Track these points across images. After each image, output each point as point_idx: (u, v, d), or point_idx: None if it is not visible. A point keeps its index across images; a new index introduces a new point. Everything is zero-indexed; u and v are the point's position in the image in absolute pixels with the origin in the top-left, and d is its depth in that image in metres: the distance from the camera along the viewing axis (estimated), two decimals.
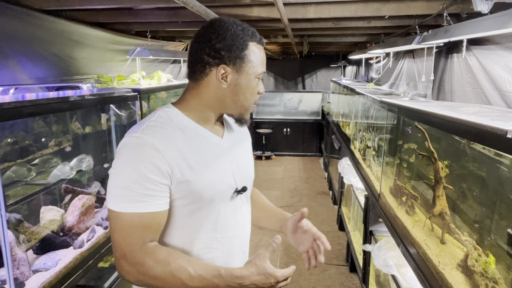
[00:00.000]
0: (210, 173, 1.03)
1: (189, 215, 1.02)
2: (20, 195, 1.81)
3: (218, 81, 1.02)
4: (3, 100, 1.32)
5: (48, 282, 1.47)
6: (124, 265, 0.92)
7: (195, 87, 1.06)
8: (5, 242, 1.29)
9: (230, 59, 1.01)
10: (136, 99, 2.26)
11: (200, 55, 1.02)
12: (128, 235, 0.92)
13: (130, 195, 0.92)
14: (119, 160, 0.95)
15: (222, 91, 1.04)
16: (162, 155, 0.94)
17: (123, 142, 0.97)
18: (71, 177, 2.05)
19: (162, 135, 0.98)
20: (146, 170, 0.92)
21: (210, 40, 1.01)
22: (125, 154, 0.95)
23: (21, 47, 2.09)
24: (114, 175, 0.95)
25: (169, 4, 2.24)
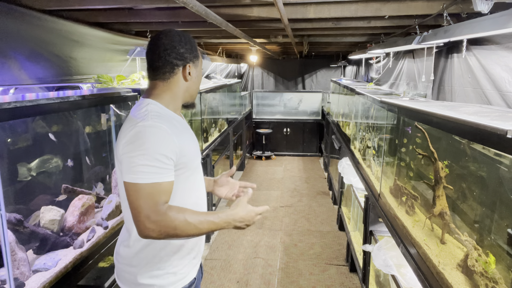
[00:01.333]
0: (191, 148, 1.36)
1: (185, 181, 1.33)
2: (20, 195, 1.80)
3: (185, 77, 1.35)
4: (3, 100, 1.32)
5: (48, 282, 1.47)
6: (148, 224, 1.15)
7: (165, 84, 1.34)
8: (5, 242, 1.29)
9: (191, 59, 1.35)
10: (136, 99, 2.26)
11: (168, 59, 1.31)
12: (152, 200, 1.17)
13: (151, 169, 1.17)
14: (137, 144, 1.18)
15: (187, 84, 1.37)
16: (172, 137, 1.22)
17: (139, 129, 1.19)
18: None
19: (165, 120, 1.24)
20: (164, 150, 1.19)
21: (175, 47, 1.31)
22: (140, 138, 1.18)
23: (21, 47, 2.09)
24: (134, 156, 1.17)
25: (169, 4, 2.24)
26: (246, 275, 3.47)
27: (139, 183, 1.16)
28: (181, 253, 1.36)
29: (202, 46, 5.33)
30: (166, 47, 1.30)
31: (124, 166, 1.20)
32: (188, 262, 1.40)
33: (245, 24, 3.15)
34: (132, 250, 1.32)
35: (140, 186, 1.16)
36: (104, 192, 2.18)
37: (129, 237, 1.33)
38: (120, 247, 1.38)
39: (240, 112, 7.03)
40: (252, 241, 4.18)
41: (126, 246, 1.34)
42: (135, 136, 1.18)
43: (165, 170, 1.20)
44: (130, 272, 1.33)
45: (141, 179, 1.16)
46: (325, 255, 3.86)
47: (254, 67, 9.11)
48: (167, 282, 1.33)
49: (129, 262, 1.33)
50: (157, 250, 1.31)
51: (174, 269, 1.35)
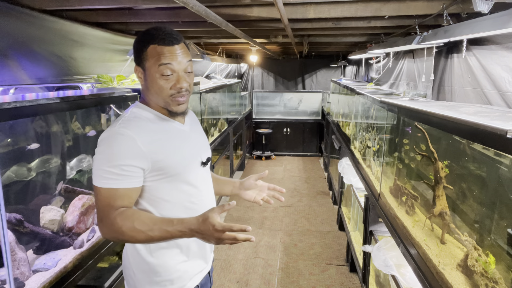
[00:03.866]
0: (176, 151, 1.28)
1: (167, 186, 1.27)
2: (20, 195, 1.80)
3: (139, 78, 1.30)
4: (3, 100, 1.32)
5: (48, 282, 1.47)
6: (101, 227, 1.17)
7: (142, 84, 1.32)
8: (5, 242, 1.29)
9: (137, 61, 1.27)
10: (136, 99, 2.26)
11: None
12: (106, 204, 1.17)
13: (109, 175, 1.16)
14: (101, 148, 1.19)
15: (143, 87, 1.31)
16: (136, 143, 1.18)
17: (104, 136, 1.21)
18: (71, 177, 2.05)
19: (136, 127, 1.22)
20: (122, 156, 1.17)
21: (134, 46, 1.28)
22: (105, 143, 1.19)
23: (21, 47, 2.09)
24: (97, 160, 1.19)
25: (169, 4, 2.24)
26: (246, 275, 3.47)
27: (97, 186, 1.18)
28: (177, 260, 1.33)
29: (202, 46, 5.34)
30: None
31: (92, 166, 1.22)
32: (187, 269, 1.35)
33: (245, 24, 3.15)
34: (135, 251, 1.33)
35: (98, 189, 1.18)
36: None
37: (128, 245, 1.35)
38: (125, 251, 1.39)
39: (240, 112, 7.03)
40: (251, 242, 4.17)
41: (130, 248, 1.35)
42: (102, 140, 1.20)
43: (124, 177, 1.17)
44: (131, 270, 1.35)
45: (98, 182, 1.18)
46: (325, 255, 3.86)
47: (254, 67, 9.11)
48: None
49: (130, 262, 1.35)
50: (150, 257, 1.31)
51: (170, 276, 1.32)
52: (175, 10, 2.73)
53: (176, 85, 1.25)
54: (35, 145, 1.85)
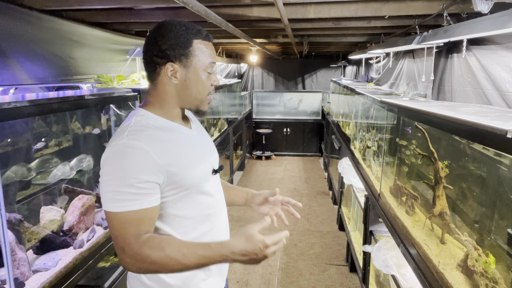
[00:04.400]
0: (191, 160, 1.15)
1: (183, 200, 1.14)
2: (20, 195, 1.80)
3: (168, 78, 1.12)
4: (3, 100, 1.32)
5: (48, 282, 1.47)
6: (124, 258, 1.01)
7: (153, 87, 1.16)
8: (5, 242, 1.29)
9: (176, 57, 1.10)
10: (136, 99, 2.26)
11: (150, 56, 1.12)
12: (125, 231, 1.01)
13: (124, 196, 1.01)
14: (109, 167, 1.03)
15: (175, 87, 1.14)
16: (150, 155, 1.03)
17: (109, 152, 1.04)
18: (71, 177, 2.05)
19: (146, 137, 1.06)
20: (137, 172, 1.01)
21: (156, 42, 1.10)
22: (114, 161, 1.02)
23: (21, 47, 2.09)
24: (106, 181, 1.02)
25: (169, 4, 2.24)
26: (246, 275, 3.47)
27: (110, 212, 1.02)
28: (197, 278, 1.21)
29: None
30: (148, 41, 1.12)
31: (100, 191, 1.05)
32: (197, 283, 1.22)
33: (245, 24, 3.15)
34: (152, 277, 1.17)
35: (112, 215, 1.02)
36: None
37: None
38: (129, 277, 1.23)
39: (240, 112, 7.03)
40: None
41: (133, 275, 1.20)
42: (108, 158, 1.03)
43: (142, 196, 1.02)
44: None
45: (111, 206, 1.01)
46: (325, 255, 3.86)
47: (254, 67, 9.12)
48: None
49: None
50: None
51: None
52: (175, 10, 2.73)
53: (213, 83, 1.19)
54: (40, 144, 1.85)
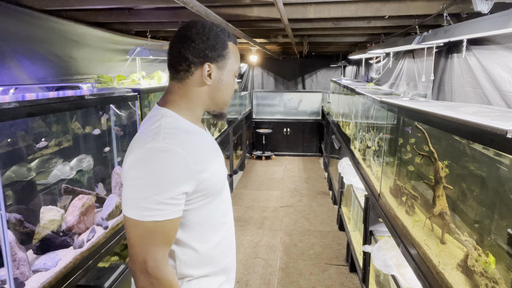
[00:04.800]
0: (215, 165, 1.10)
1: (206, 207, 1.08)
2: (20, 195, 1.80)
3: (204, 78, 1.09)
4: (3, 100, 1.32)
5: (48, 282, 1.47)
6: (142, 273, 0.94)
7: (181, 87, 1.11)
8: (5, 242, 1.29)
9: (214, 58, 1.09)
10: (136, 99, 2.26)
11: (185, 55, 1.07)
12: (151, 242, 0.95)
13: (156, 206, 0.94)
14: (141, 172, 0.95)
15: (207, 88, 1.11)
16: (186, 162, 0.98)
17: (142, 154, 0.96)
18: (71, 177, 2.05)
19: (181, 141, 1.00)
20: (173, 181, 0.95)
21: (194, 41, 1.06)
22: (148, 165, 0.95)
23: (21, 47, 2.09)
24: (136, 186, 0.95)
25: (169, 4, 2.24)
26: (246, 275, 3.47)
27: (134, 219, 0.94)
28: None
29: None
30: (183, 39, 1.07)
31: (123, 195, 0.98)
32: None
33: (245, 24, 3.15)
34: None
35: (136, 223, 0.94)
36: (105, 192, 2.18)
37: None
38: None
39: (240, 112, 7.03)
40: (252, 241, 4.18)
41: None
42: (140, 161, 0.96)
43: (171, 206, 0.96)
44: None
45: (137, 215, 0.94)
46: (325, 255, 3.86)
47: (254, 67, 9.11)
48: None
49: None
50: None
51: None
52: (175, 10, 2.73)
53: (235, 87, 1.19)
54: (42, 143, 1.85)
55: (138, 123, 2.30)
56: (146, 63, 3.79)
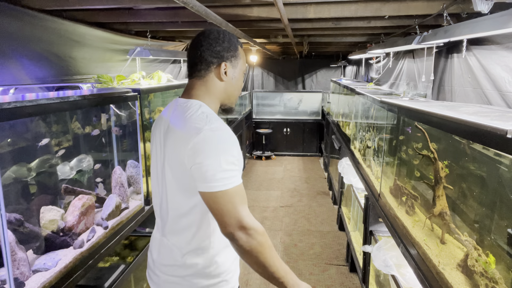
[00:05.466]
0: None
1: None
2: (20, 195, 1.80)
3: (221, 75, 1.29)
4: (3, 100, 1.32)
5: (48, 282, 1.47)
6: (242, 231, 1.10)
7: (203, 83, 1.30)
8: (5, 242, 1.29)
9: (228, 58, 1.29)
10: (136, 99, 2.26)
11: (204, 56, 1.27)
12: (238, 204, 1.12)
13: (230, 174, 1.13)
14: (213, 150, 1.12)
15: (223, 84, 1.31)
16: (236, 139, 1.19)
17: (208, 135, 1.13)
18: (71, 177, 2.05)
19: (223, 123, 1.20)
20: (235, 152, 1.16)
21: (211, 45, 1.27)
22: (216, 143, 1.13)
23: (21, 47, 2.09)
24: (214, 163, 1.11)
25: (169, 4, 2.24)
26: (246, 275, 3.47)
27: (219, 191, 1.11)
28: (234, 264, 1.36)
29: None
30: (202, 43, 1.27)
31: (203, 172, 1.12)
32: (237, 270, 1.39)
33: (245, 24, 3.16)
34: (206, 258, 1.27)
35: (220, 194, 1.11)
36: (105, 193, 2.19)
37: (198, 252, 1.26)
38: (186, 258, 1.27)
39: (240, 112, 7.03)
40: None
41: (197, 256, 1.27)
42: (205, 142, 1.12)
43: (239, 172, 1.16)
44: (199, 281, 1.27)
45: (219, 186, 1.11)
46: (325, 255, 3.86)
47: (254, 67, 9.12)
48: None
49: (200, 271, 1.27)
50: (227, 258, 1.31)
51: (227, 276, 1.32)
52: (175, 10, 2.73)
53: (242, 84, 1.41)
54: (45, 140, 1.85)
55: (138, 123, 2.30)
56: (146, 63, 3.79)
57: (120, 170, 2.18)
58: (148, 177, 2.46)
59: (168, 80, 3.27)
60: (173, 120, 1.25)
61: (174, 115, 1.26)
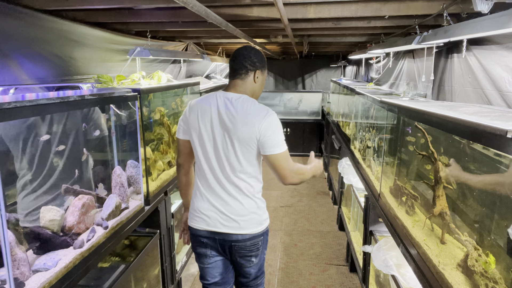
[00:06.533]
0: None
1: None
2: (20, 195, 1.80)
3: (254, 79, 1.90)
4: (3, 100, 1.32)
5: (48, 282, 1.47)
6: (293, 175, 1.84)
7: (243, 83, 1.89)
8: (5, 242, 1.29)
9: (260, 68, 1.91)
10: (136, 99, 2.26)
11: (245, 65, 1.87)
12: (290, 160, 1.84)
13: (284, 141, 1.82)
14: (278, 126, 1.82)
15: (255, 85, 1.92)
16: None
17: (273, 117, 1.81)
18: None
19: None
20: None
21: (251, 57, 1.88)
22: (278, 122, 1.82)
23: (21, 47, 2.09)
24: (280, 133, 1.82)
25: (169, 4, 2.24)
26: None
27: (284, 151, 1.80)
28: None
29: (202, 46, 5.33)
30: (245, 56, 1.87)
31: (271, 141, 1.78)
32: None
33: (245, 24, 3.15)
34: (255, 199, 1.92)
35: (284, 152, 1.81)
36: (106, 193, 2.18)
37: (253, 192, 1.91)
38: (243, 201, 1.88)
39: None
40: None
41: (250, 197, 1.90)
42: (273, 122, 1.80)
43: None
44: (256, 214, 1.92)
45: (284, 148, 1.81)
46: (325, 255, 3.86)
47: None
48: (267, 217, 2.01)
49: (253, 209, 1.90)
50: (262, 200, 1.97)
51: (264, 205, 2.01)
52: (175, 10, 2.73)
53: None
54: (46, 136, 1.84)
55: (138, 123, 2.30)
56: (146, 63, 3.79)
57: (120, 170, 2.18)
58: (148, 177, 2.46)
59: (168, 80, 3.27)
60: (235, 108, 1.80)
61: (234, 104, 1.81)
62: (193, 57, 4.41)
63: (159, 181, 2.68)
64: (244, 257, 1.96)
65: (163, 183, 2.73)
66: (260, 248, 1.98)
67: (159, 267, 2.71)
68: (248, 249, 1.94)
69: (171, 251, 2.90)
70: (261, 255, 2.04)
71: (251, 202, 1.89)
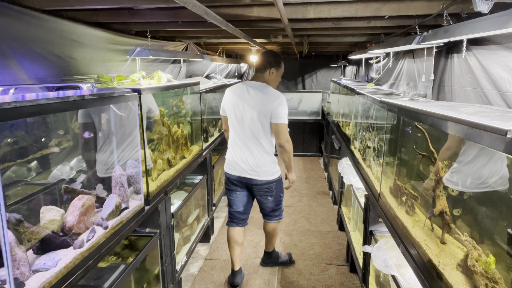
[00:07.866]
0: None
1: None
2: (20, 195, 1.80)
3: (270, 73, 2.93)
4: (3, 100, 1.31)
5: (48, 282, 1.47)
6: (288, 142, 2.86)
7: (262, 76, 2.93)
8: (5, 242, 1.29)
9: (275, 66, 2.93)
10: (136, 99, 2.26)
11: (265, 63, 2.92)
12: (286, 132, 2.85)
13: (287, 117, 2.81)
14: (284, 104, 2.81)
15: (270, 77, 2.93)
16: None
17: (282, 98, 2.81)
18: (71, 177, 2.05)
19: None
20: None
21: (269, 58, 2.93)
22: (284, 101, 2.81)
23: (21, 47, 2.09)
24: (285, 110, 2.80)
25: (169, 4, 2.24)
26: (246, 275, 3.47)
27: (286, 123, 2.79)
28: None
29: (202, 46, 5.33)
30: (265, 56, 2.94)
31: (277, 115, 2.75)
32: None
33: (245, 24, 3.16)
34: (269, 156, 2.94)
35: (285, 125, 2.78)
36: (106, 193, 2.18)
37: (268, 151, 2.92)
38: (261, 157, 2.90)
39: None
40: (252, 241, 4.18)
41: (266, 155, 2.91)
42: (282, 102, 2.78)
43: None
44: (269, 167, 2.96)
45: (286, 120, 2.79)
46: (325, 255, 3.86)
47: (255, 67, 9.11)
48: (278, 169, 3.06)
49: (268, 163, 2.94)
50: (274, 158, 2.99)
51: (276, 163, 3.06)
52: (175, 10, 2.73)
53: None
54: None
55: (138, 123, 2.30)
56: (146, 63, 3.79)
57: (120, 170, 2.18)
58: (148, 177, 2.47)
59: (168, 80, 3.26)
60: (257, 91, 2.82)
61: (255, 89, 2.84)
62: (193, 57, 4.41)
63: (159, 181, 2.68)
64: (262, 196, 3.07)
65: (163, 183, 2.73)
66: (274, 190, 3.04)
67: (159, 267, 2.71)
68: (265, 190, 3.02)
69: (171, 251, 2.90)
70: (276, 196, 3.08)
71: (267, 158, 2.91)
